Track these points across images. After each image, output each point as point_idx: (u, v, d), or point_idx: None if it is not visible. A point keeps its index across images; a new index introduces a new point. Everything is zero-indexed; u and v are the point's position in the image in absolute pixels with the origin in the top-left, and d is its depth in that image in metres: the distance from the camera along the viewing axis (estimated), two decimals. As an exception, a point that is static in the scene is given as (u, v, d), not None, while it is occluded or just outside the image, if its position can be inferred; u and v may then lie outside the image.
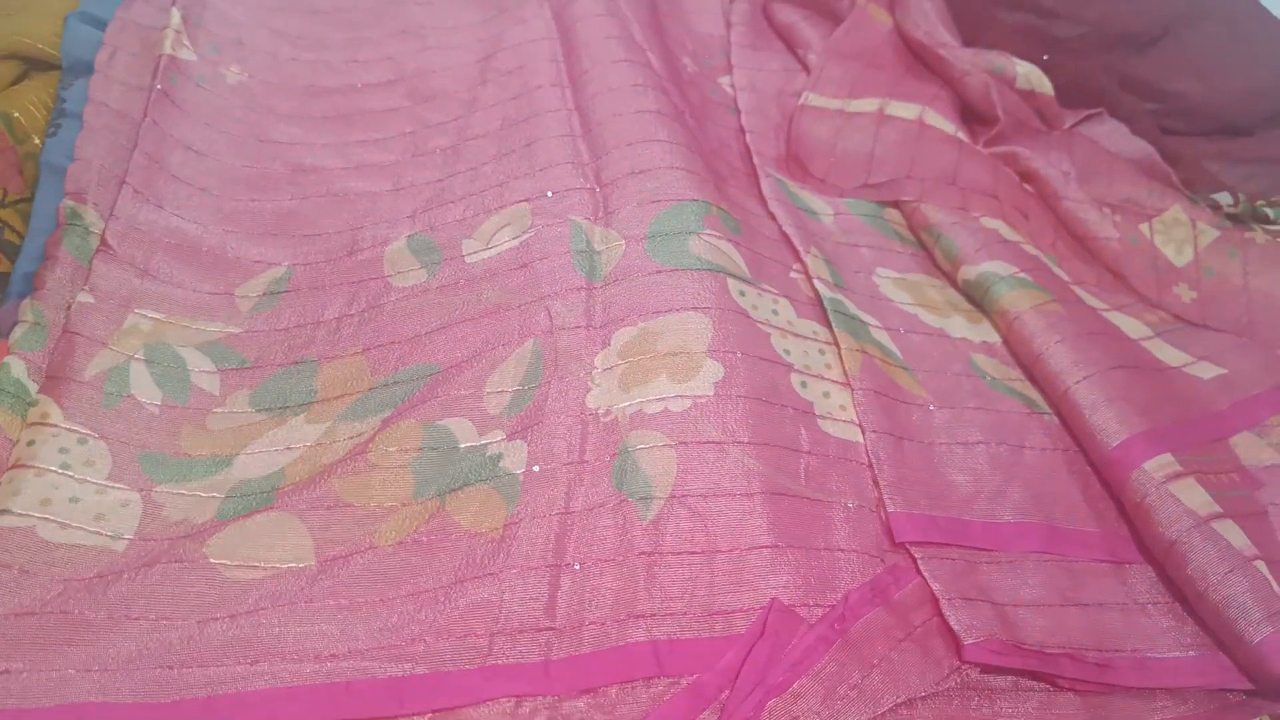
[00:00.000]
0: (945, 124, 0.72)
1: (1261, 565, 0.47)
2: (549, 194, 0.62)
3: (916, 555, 0.49)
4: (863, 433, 0.53)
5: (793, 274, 0.62)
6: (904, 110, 0.73)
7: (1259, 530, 0.50)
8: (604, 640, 0.44)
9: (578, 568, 0.47)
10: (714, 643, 0.44)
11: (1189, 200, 0.69)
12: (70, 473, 0.48)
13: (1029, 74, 0.74)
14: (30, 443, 0.48)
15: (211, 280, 0.59)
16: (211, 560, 0.46)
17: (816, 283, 0.60)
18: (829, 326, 0.58)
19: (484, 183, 0.65)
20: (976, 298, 0.63)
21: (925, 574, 0.48)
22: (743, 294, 0.57)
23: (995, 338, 0.62)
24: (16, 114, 0.63)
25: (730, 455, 0.49)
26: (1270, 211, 0.68)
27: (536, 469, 0.49)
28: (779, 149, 0.73)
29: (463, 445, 0.51)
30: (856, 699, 0.42)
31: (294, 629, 0.44)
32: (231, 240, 0.61)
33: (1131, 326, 0.63)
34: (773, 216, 0.66)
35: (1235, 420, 0.57)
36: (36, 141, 0.62)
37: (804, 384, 0.55)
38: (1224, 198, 0.69)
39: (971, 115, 0.75)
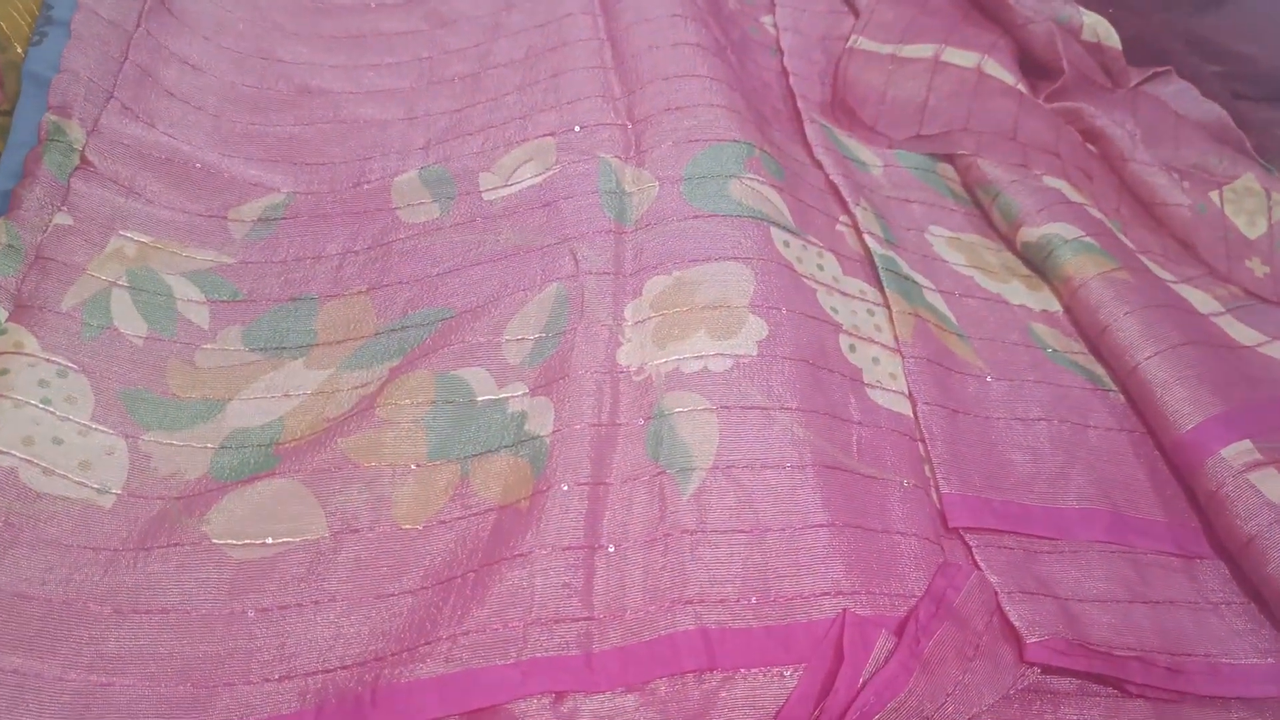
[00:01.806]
0: (1005, 74, 0.67)
1: (1350, 566, 0.44)
2: (576, 129, 0.58)
3: (971, 543, 0.45)
4: (913, 404, 0.49)
5: (839, 227, 0.58)
6: (961, 58, 0.68)
7: (1345, 528, 0.46)
8: (650, 629, 0.40)
9: (612, 550, 0.42)
10: (770, 632, 0.40)
11: (1263, 168, 0.65)
12: (52, 408, 0.45)
13: (1095, 25, 0.70)
14: (4, 371, 0.45)
15: (203, 201, 0.55)
16: (215, 542, 0.42)
17: (867, 238, 0.56)
18: (878, 286, 0.54)
19: (505, 114, 0.61)
20: (1037, 262, 0.59)
21: (981, 563, 0.44)
22: (787, 244, 0.52)
23: (1056, 306, 0.58)
24: (-1, 20, 0.59)
25: (777, 422, 0.45)
26: (1349, 184, 0.64)
27: (563, 431, 0.45)
28: (824, 95, 0.69)
29: (480, 399, 0.47)
30: None
31: (322, 632, 0.40)
32: (228, 163, 0.57)
33: (1201, 300, 0.59)
34: (818, 164, 0.62)
35: (1315, 407, 0.53)
36: (19, 50, 0.59)
37: (852, 347, 0.50)
38: (1300, 167, 0.65)
39: (1032, 67, 0.71)
